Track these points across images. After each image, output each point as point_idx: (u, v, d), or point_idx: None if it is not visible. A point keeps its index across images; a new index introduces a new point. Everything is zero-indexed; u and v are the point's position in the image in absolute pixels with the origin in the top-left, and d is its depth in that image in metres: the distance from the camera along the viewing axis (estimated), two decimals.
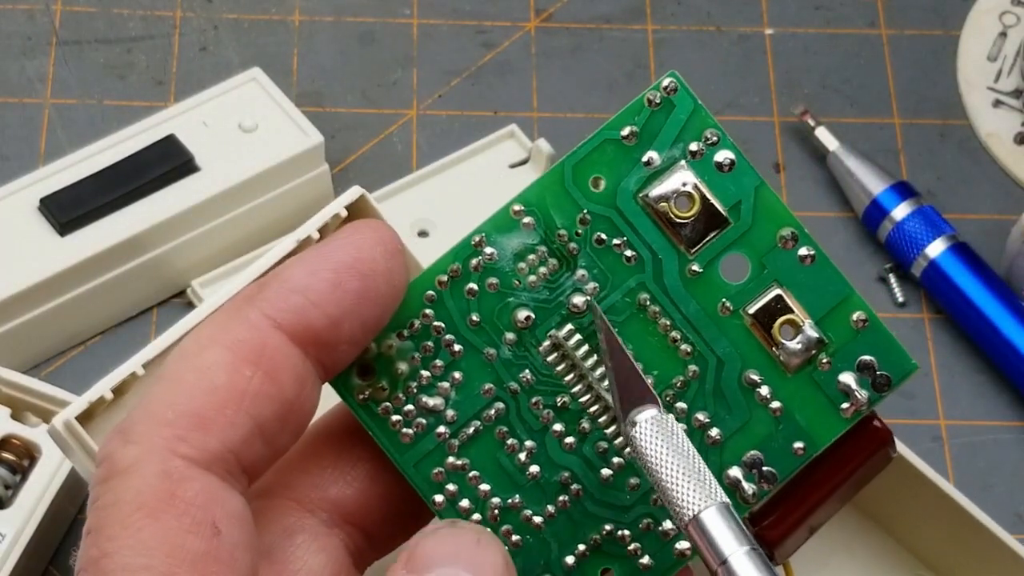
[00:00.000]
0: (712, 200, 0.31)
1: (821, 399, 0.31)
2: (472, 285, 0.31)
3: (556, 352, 0.31)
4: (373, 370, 0.31)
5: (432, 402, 0.31)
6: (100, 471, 0.28)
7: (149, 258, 0.49)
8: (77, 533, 0.46)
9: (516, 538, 0.31)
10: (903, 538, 0.46)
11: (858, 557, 0.46)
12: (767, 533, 0.32)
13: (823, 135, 0.54)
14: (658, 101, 0.31)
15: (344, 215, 0.31)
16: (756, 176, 0.31)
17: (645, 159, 0.31)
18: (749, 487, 0.31)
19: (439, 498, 0.31)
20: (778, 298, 0.31)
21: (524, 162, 0.53)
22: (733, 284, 0.31)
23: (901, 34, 0.58)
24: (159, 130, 0.50)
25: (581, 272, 0.31)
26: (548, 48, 0.57)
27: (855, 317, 0.31)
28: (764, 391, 0.31)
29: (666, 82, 0.31)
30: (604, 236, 0.31)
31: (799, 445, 0.31)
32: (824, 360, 0.31)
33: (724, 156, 0.31)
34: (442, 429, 0.31)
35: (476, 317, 0.31)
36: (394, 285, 0.30)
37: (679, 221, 0.31)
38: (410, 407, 0.31)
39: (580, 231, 0.31)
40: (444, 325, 0.31)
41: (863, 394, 0.31)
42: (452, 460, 0.31)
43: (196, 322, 0.30)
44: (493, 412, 0.31)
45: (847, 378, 0.31)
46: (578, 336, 0.31)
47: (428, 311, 0.31)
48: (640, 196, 0.31)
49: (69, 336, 0.49)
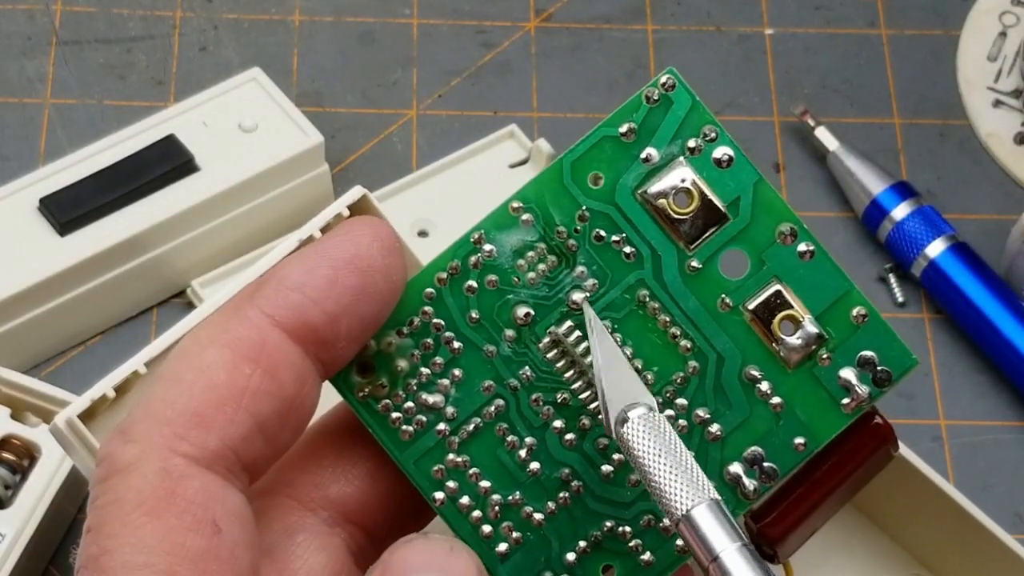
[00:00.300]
0: (711, 196, 0.31)
1: (822, 395, 0.31)
2: (471, 282, 0.31)
3: (556, 349, 0.31)
4: (373, 367, 0.31)
5: (432, 399, 0.31)
6: (100, 470, 0.28)
7: (149, 258, 0.49)
8: (77, 533, 0.46)
9: (517, 535, 0.31)
10: (902, 538, 0.46)
11: (857, 557, 0.46)
12: (769, 531, 0.32)
13: (823, 135, 0.54)
14: (656, 98, 0.31)
15: (347, 215, 0.31)
16: (755, 172, 0.31)
17: (644, 156, 0.31)
18: (750, 483, 0.31)
19: (439, 495, 0.31)
20: (777, 294, 0.31)
21: (524, 162, 0.53)
22: (732, 280, 0.31)
23: (901, 34, 0.58)
24: (159, 130, 0.50)
25: (580, 269, 0.31)
26: (548, 48, 0.57)
27: (855, 312, 0.31)
28: (764, 387, 0.31)
29: (664, 79, 0.31)
30: (603, 233, 0.31)
31: (800, 441, 0.31)
32: (824, 355, 0.31)
33: (723, 152, 0.31)
34: (442, 426, 0.31)
35: (476, 314, 0.31)
36: (392, 281, 0.30)
37: (678, 217, 0.31)
38: (410, 404, 0.31)
39: (579, 228, 0.31)
40: (444, 322, 0.31)
41: (864, 389, 0.31)
42: (452, 457, 0.31)
43: (197, 322, 0.30)
44: (493, 409, 0.31)
45: (847, 373, 0.31)
46: (578, 332, 0.31)
47: (427, 308, 0.31)
48: (639, 192, 0.31)
49: (69, 336, 0.49)
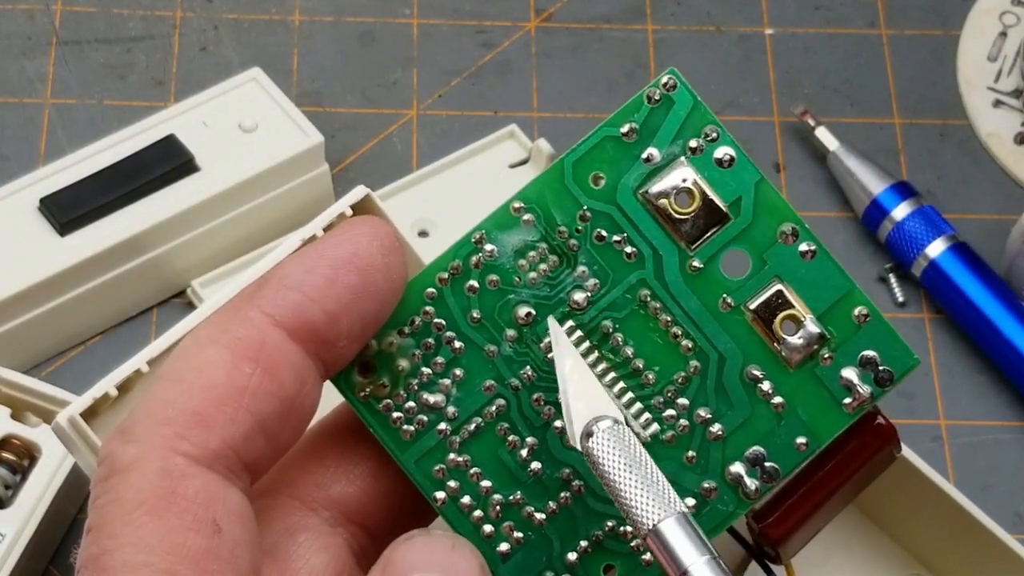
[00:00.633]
0: (712, 196, 0.31)
1: (823, 394, 0.31)
2: (473, 282, 0.31)
3: None
4: (374, 367, 0.31)
5: (433, 399, 0.31)
6: (101, 470, 0.28)
7: (149, 258, 0.49)
8: (77, 532, 0.46)
9: (518, 535, 0.31)
10: (902, 538, 0.46)
11: (857, 557, 0.46)
12: (771, 531, 0.32)
13: (823, 135, 0.54)
14: (657, 98, 0.31)
15: (350, 215, 0.31)
16: (756, 172, 0.31)
17: (645, 156, 0.31)
18: (752, 483, 0.31)
19: (440, 495, 0.31)
20: (779, 293, 0.31)
21: (524, 162, 0.53)
22: (734, 280, 0.31)
23: (901, 34, 0.58)
24: (159, 130, 0.50)
25: (581, 269, 0.31)
26: (548, 48, 0.57)
27: (857, 312, 0.31)
28: (766, 387, 0.31)
29: (665, 79, 0.31)
30: (604, 233, 0.31)
31: (802, 440, 0.31)
32: (826, 355, 0.31)
33: (724, 152, 0.31)
34: (443, 426, 0.31)
35: (477, 314, 0.31)
36: (392, 280, 0.30)
37: (679, 217, 0.31)
38: (411, 404, 0.31)
39: (580, 228, 0.31)
40: (445, 322, 0.31)
41: (865, 389, 0.31)
42: (453, 457, 0.31)
43: (197, 322, 0.30)
44: (494, 409, 0.31)
45: (849, 373, 0.31)
46: (579, 332, 0.31)
47: (429, 308, 0.31)
48: (640, 192, 0.31)
49: (69, 336, 0.49)
